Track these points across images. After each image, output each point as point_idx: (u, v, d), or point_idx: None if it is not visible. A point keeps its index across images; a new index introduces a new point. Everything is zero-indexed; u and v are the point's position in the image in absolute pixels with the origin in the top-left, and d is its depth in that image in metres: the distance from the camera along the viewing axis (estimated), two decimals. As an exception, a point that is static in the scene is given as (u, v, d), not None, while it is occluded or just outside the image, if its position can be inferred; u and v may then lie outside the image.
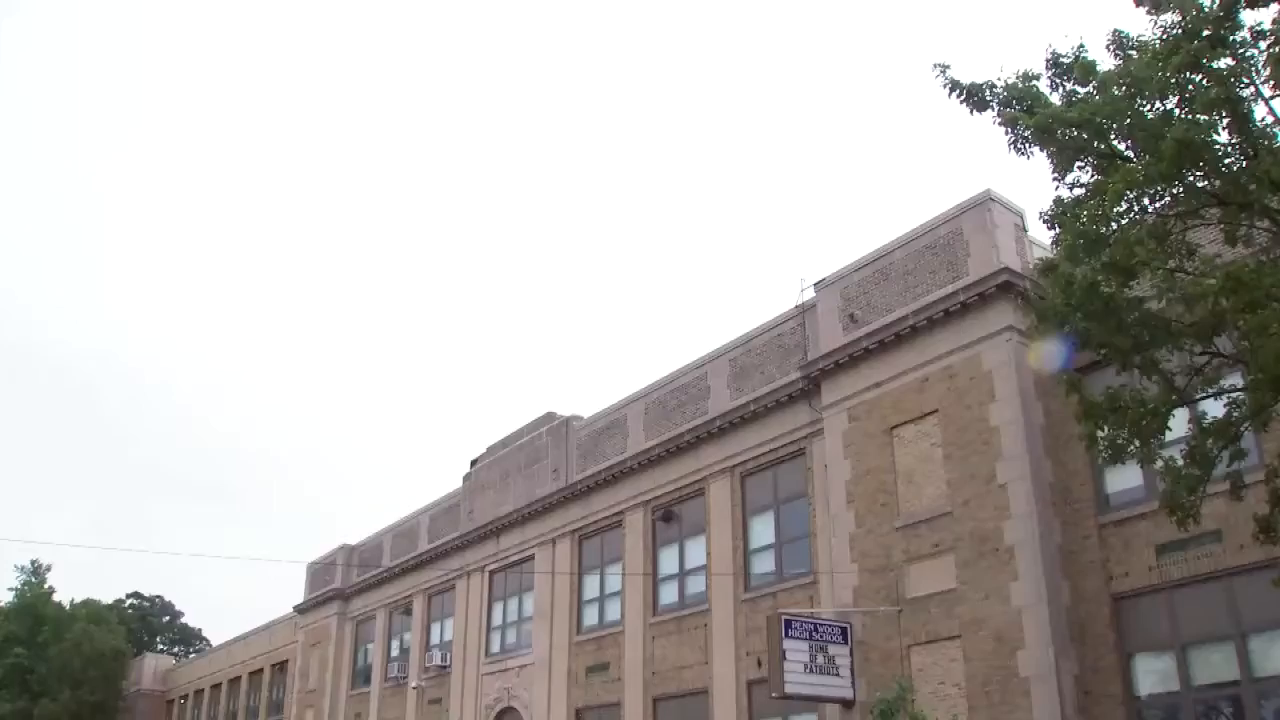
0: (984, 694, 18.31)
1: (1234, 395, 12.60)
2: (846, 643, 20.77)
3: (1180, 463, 12.79)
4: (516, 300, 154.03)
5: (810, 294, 24.64)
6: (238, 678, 60.00)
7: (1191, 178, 11.84)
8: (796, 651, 20.16)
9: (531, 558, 33.61)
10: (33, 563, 78.99)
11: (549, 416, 34.64)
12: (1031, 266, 19.95)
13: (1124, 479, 18.49)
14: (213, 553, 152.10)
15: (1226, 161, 11.67)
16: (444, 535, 38.99)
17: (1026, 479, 18.76)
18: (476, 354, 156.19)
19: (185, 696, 68.75)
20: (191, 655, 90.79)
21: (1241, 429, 12.56)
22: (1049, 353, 17.90)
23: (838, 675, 20.51)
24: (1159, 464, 13.27)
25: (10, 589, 78.88)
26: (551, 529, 32.72)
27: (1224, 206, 12.01)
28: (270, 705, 54.76)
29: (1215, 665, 17.05)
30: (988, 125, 13.31)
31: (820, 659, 20.39)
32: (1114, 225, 12.19)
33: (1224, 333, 12.52)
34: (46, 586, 78.88)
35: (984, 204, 20.67)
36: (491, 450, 37.30)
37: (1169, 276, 12.28)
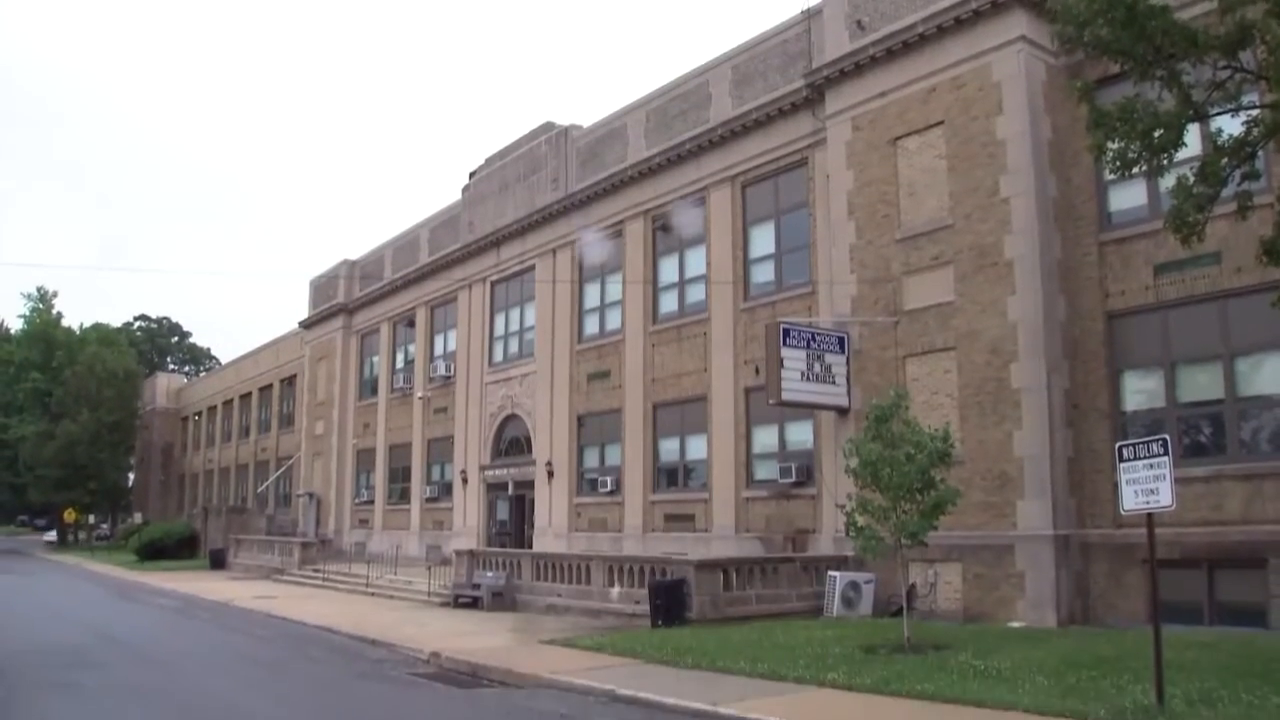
0: (976, 404, 18.92)
1: (1253, 114, 12.27)
2: (843, 352, 21.30)
3: (1191, 179, 12.59)
4: (515, 4, 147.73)
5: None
6: (248, 393, 62.03)
7: None
8: (794, 359, 20.73)
9: (532, 268, 33.91)
10: (39, 289, 79.72)
11: (547, 126, 33.96)
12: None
13: (1128, 197, 18.43)
14: (216, 270, 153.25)
15: None
16: (444, 247, 39.20)
17: (1030, 194, 18.62)
18: (474, 63, 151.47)
19: (199, 413, 71.27)
20: (202, 373, 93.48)
21: (1257, 148, 12.31)
22: None
23: (834, 383, 21.16)
24: (1170, 180, 13.07)
25: (20, 316, 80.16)
26: (551, 239, 32.83)
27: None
28: (281, 418, 56.89)
29: (1201, 384, 17.53)
30: None
31: (817, 367, 20.97)
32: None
33: (1249, 47, 12.05)
34: (55, 313, 79.92)
35: (1004, -99, 19.43)
36: (490, 161, 36.81)
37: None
